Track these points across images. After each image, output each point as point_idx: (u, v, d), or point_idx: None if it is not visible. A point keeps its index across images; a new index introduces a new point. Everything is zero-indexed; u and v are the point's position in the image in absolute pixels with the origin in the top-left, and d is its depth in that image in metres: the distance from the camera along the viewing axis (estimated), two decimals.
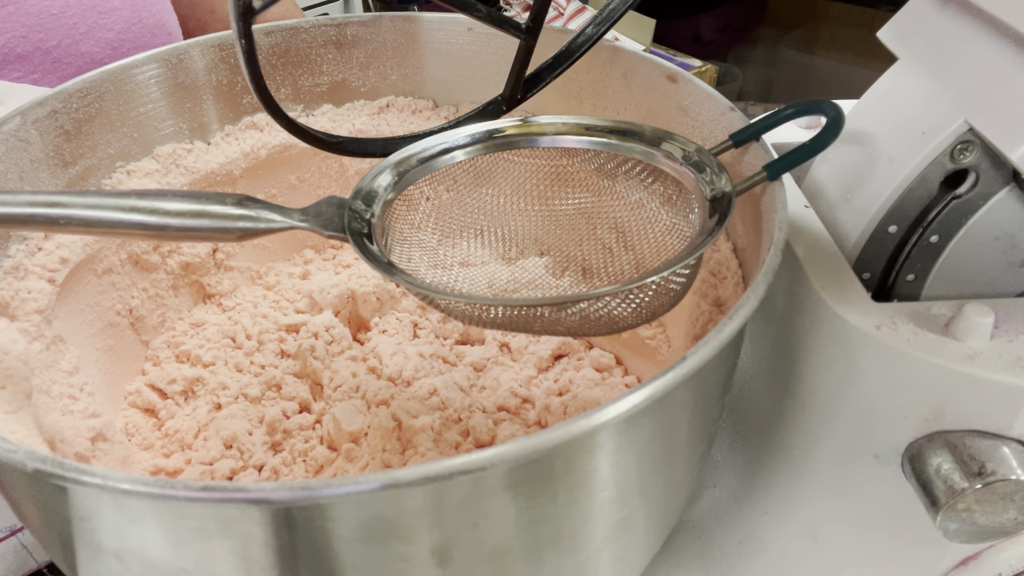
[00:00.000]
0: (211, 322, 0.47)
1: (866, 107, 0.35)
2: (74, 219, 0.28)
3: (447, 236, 0.37)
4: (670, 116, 0.41)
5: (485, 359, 0.45)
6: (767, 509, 0.37)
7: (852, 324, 0.30)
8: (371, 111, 0.50)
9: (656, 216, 0.35)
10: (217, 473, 0.40)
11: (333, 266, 0.52)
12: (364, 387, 0.43)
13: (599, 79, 0.45)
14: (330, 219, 0.32)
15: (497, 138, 0.36)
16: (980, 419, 0.28)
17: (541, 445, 0.21)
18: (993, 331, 0.29)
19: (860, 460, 0.32)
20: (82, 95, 0.41)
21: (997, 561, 0.33)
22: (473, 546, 0.24)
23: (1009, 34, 0.30)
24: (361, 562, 0.23)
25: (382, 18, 0.49)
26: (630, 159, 0.35)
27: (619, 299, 0.29)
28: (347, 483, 0.20)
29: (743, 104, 0.97)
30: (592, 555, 0.28)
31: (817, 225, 0.35)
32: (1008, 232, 0.32)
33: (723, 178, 0.31)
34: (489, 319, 0.31)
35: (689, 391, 0.26)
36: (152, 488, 0.20)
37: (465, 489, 0.22)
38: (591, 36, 0.41)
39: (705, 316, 0.36)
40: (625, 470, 0.25)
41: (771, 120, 0.34)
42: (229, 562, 0.23)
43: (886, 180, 0.32)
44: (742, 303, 0.25)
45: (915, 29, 0.34)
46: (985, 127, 0.29)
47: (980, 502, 0.27)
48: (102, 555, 0.25)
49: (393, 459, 0.39)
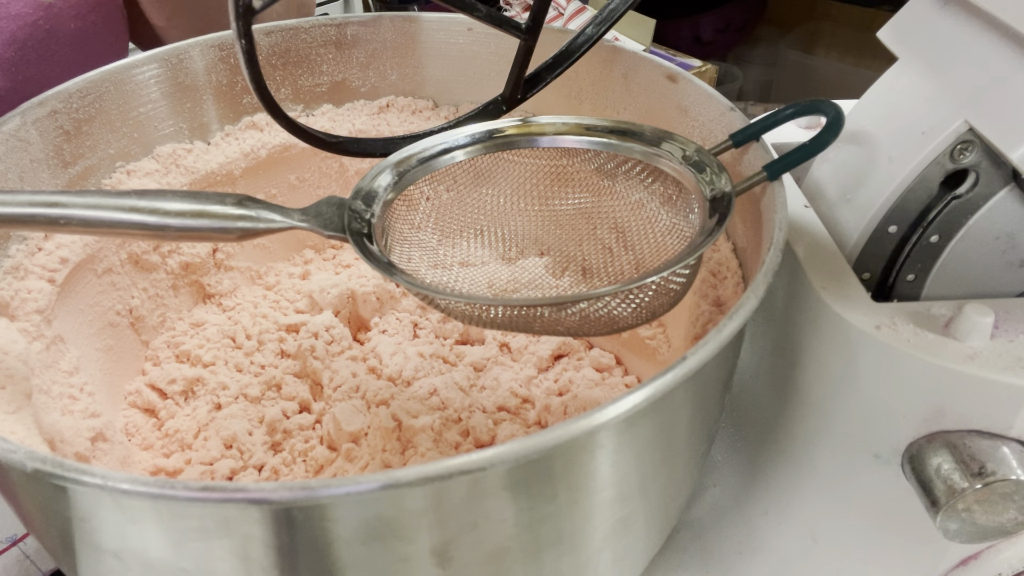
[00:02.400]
0: (211, 322, 0.47)
1: (866, 107, 0.35)
2: (74, 219, 0.28)
3: (447, 236, 0.37)
4: (670, 116, 0.41)
5: (485, 359, 0.45)
6: (767, 509, 0.37)
7: (852, 324, 0.30)
8: (371, 111, 0.50)
9: (656, 216, 0.35)
10: (217, 473, 0.40)
11: (333, 266, 0.52)
12: (364, 387, 0.43)
13: (599, 79, 0.45)
14: (330, 219, 0.32)
15: (497, 138, 0.36)
16: (980, 419, 0.28)
17: (541, 445, 0.21)
18: (993, 331, 0.29)
19: (860, 460, 0.32)
20: (82, 95, 0.41)
21: (997, 561, 0.33)
22: (473, 546, 0.24)
23: (1009, 34, 0.30)
24: (361, 562, 0.23)
25: (382, 18, 0.49)
26: (630, 159, 0.35)
27: (619, 299, 0.29)
28: (347, 483, 0.20)
29: (743, 104, 0.97)
30: (592, 555, 0.28)
31: (817, 225, 0.35)
32: (1008, 232, 0.32)
33: (723, 178, 0.31)
34: (489, 319, 0.31)
35: (689, 391, 0.26)
36: (152, 488, 0.20)
37: (465, 489, 0.22)
38: (591, 36, 0.41)
39: (705, 316, 0.36)
40: (625, 470, 0.25)
41: (771, 120, 0.34)
42: (229, 562, 0.23)
43: (886, 180, 0.32)
44: (742, 303, 0.25)
45: (915, 29, 0.34)
46: (985, 127, 0.29)
47: (980, 502, 0.27)
48: (102, 555, 0.25)
49: (393, 459, 0.39)
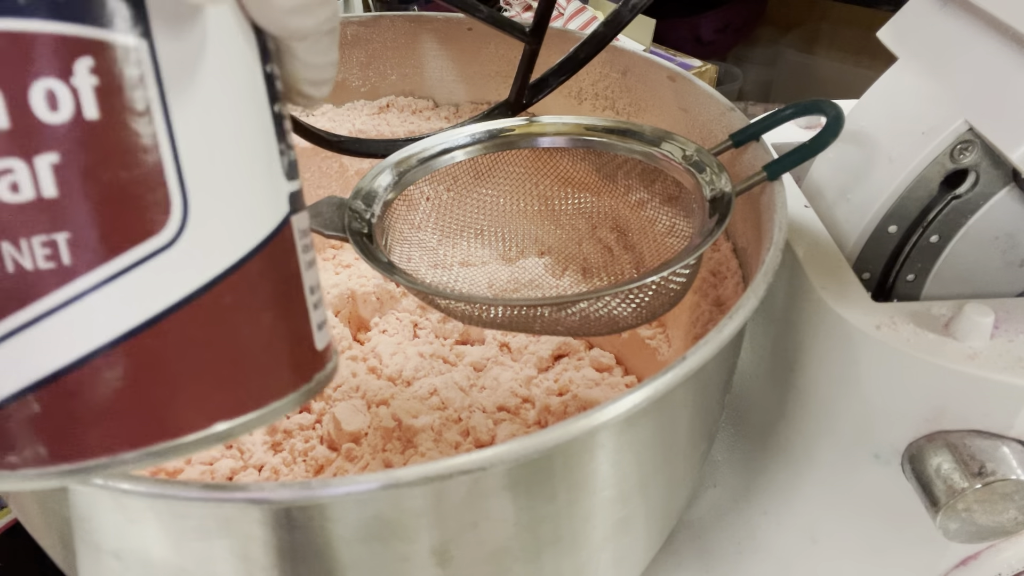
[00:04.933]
0: None
1: (866, 107, 0.35)
2: None
3: (447, 236, 0.37)
4: (670, 116, 0.41)
5: (485, 359, 0.45)
6: (767, 509, 0.37)
7: (852, 324, 0.30)
8: (371, 111, 0.50)
9: (656, 216, 0.35)
10: (217, 473, 0.40)
11: (333, 266, 0.52)
12: (364, 387, 0.43)
13: (599, 79, 0.45)
14: (330, 219, 0.32)
15: (497, 138, 0.36)
16: (980, 419, 0.28)
17: (541, 445, 0.21)
18: (993, 331, 0.29)
19: (860, 460, 0.32)
20: None
21: (997, 561, 0.33)
22: (473, 546, 0.24)
23: (1009, 34, 0.30)
24: (361, 562, 0.23)
25: (382, 18, 0.49)
26: (630, 159, 0.35)
27: (619, 299, 0.29)
28: (347, 483, 0.20)
29: (743, 104, 0.97)
30: (592, 555, 0.28)
31: (817, 225, 0.35)
32: (1008, 232, 0.32)
33: (723, 178, 0.31)
34: (489, 319, 0.31)
35: (689, 391, 0.26)
36: (152, 488, 0.20)
37: (465, 489, 0.22)
38: (601, 38, 0.41)
39: (705, 316, 0.36)
40: (625, 470, 0.25)
41: (771, 120, 0.34)
42: (229, 562, 0.23)
43: (886, 180, 0.32)
44: (742, 303, 0.25)
45: (915, 29, 0.34)
46: (985, 127, 0.29)
47: (980, 502, 0.27)
48: (102, 555, 0.25)
49: (393, 459, 0.39)
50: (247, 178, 0.17)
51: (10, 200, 0.15)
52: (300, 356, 0.19)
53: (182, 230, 0.16)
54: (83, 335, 0.16)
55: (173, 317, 0.16)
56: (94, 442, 0.16)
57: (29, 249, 0.15)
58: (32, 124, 0.15)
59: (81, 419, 0.16)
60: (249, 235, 0.17)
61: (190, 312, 0.16)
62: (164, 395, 0.17)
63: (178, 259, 0.16)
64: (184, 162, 0.16)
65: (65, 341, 0.16)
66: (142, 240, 0.16)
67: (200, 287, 0.16)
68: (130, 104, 0.15)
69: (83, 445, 0.16)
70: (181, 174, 0.16)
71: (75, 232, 0.15)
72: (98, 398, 0.16)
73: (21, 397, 0.16)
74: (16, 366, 0.15)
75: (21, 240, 0.15)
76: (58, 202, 0.15)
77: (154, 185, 0.16)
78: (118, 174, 0.15)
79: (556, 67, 0.41)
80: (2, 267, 0.15)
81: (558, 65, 0.41)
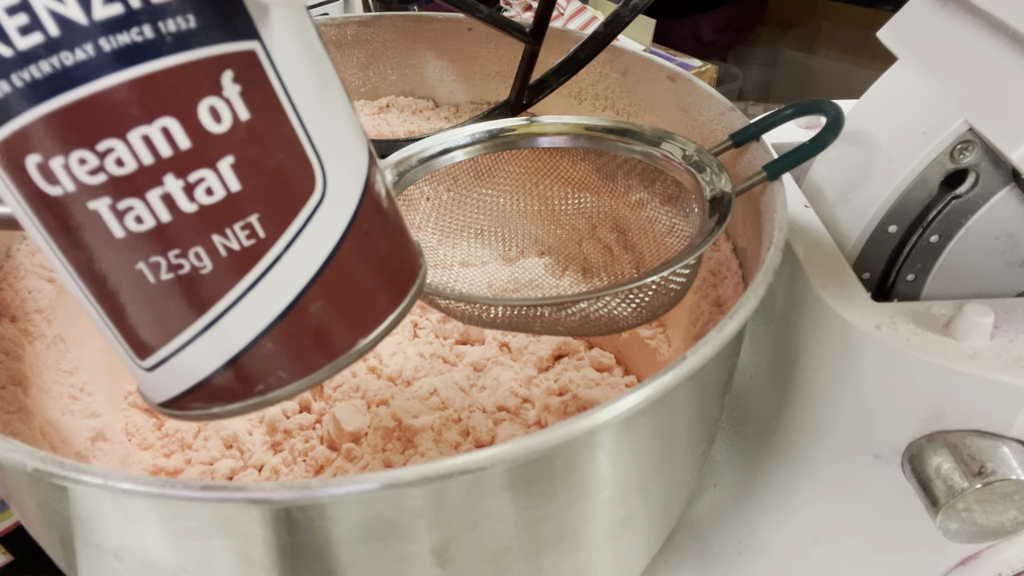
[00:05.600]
0: None
1: (866, 107, 0.35)
2: None
3: (447, 236, 0.37)
4: (670, 116, 0.41)
5: (485, 359, 0.45)
6: (767, 509, 0.37)
7: (852, 324, 0.30)
8: (371, 111, 0.50)
9: (656, 216, 0.35)
10: (217, 473, 0.40)
11: None
12: (364, 387, 0.43)
13: (599, 79, 0.45)
14: None
15: (497, 138, 0.36)
16: (980, 419, 0.28)
17: (541, 445, 0.21)
18: (993, 331, 0.29)
19: (860, 460, 0.32)
20: None
21: (997, 561, 0.33)
22: (473, 546, 0.24)
23: (1009, 34, 0.30)
24: (361, 562, 0.23)
25: (382, 18, 0.49)
26: (630, 159, 0.35)
27: (619, 299, 0.29)
28: (347, 483, 0.20)
29: (743, 104, 0.97)
30: (592, 555, 0.28)
31: (817, 225, 0.35)
32: (1008, 232, 0.32)
33: (723, 178, 0.31)
34: (489, 319, 0.31)
35: (689, 391, 0.26)
36: (152, 488, 0.20)
37: (465, 489, 0.22)
38: (601, 38, 0.41)
39: (705, 316, 0.36)
40: (625, 470, 0.25)
41: (771, 120, 0.34)
42: (229, 562, 0.23)
43: (886, 180, 0.32)
44: (742, 303, 0.25)
45: (915, 29, 0.34)
46: (985, 127, 0.29)
47: (980, 502, 0.27)
48: (102, 555, 0.25)
49: (393, 459, 0.39)
50: (351, 134, 0.21)
51: (209, 202, 0.18)
52: (412, 253, 0.24)
53: (326, 185, 0.20)
54: (289, 283, 0.20)
55: (341, 249, 0.20)
56: (312, 359, 0.21)
57: (233, 234, 0.19)
58: (208, 138, 0.18)
59: (302, 345, 0.20)
60: (361, 173, 0.21)
61: (349, 242, 0.21)
62: (349, 308, 0.21)
63: (331, 206, 0.20)
64: (312, 133, 0.19)
65: (279, 292, 0.20)
66: (305, 201, 0.20)
67: (348, 222, 0.21)
68: (267, 97, 0.18)
69: (308, 363, 0.21)
70: (313, 143, 0.20)
71: (262, 211, 0.19)
72: (310, 326, 0.20)
73: (259, 340, 0.20)
74: (249, 320, 0.20)
75: (226, 229, 0.19)
76: (244, 193, 0.18)
77: (301, 157, 0.19)
78: (277, 157, 0.19)
79: (556, 67, 0.41)
80: (217, 254, 0.19)
81: (558, 65, 0.41)
